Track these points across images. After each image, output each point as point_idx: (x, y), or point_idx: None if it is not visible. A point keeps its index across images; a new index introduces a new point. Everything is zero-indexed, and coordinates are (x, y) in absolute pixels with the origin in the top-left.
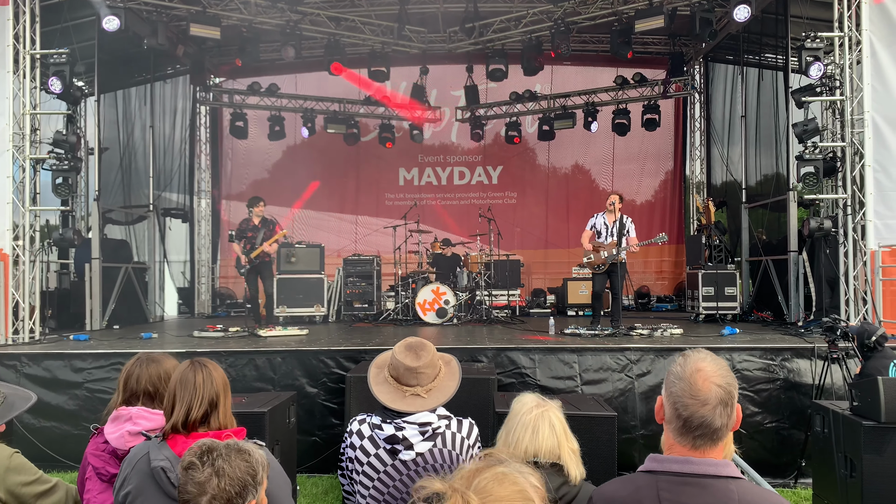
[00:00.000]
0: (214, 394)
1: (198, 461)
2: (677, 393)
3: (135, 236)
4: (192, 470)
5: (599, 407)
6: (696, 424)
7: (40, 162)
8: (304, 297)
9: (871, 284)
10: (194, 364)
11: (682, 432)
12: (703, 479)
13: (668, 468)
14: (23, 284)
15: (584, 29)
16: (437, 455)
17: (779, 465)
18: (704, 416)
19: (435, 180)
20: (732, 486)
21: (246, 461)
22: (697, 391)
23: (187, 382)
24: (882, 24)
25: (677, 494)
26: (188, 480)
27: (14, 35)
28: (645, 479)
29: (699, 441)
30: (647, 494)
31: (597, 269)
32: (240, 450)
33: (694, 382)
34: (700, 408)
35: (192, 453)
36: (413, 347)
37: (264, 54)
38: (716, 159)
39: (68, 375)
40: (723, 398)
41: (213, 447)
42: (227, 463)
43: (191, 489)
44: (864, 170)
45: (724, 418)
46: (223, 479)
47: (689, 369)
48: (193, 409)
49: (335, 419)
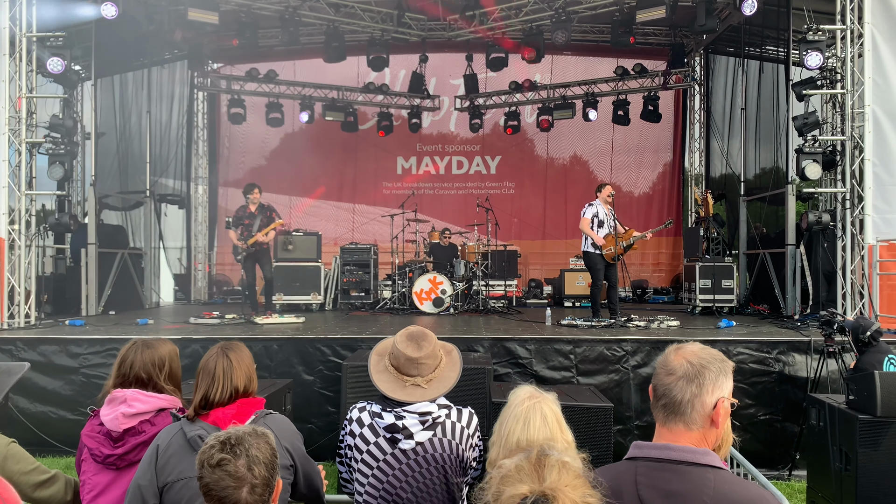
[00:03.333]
0: (235, 385)
1: (229, 455)
2: (657, 367)
3: (131, 222)
4: (226, 464)
5: (596, 398)
6: (660, 394)
7: (36, 146)
8: (301, 284)
9: (868, 279)
10: (220, 351)
11: (654, 405)
12: (679, 465)
13: (648, 454)
14: (19, 269)
15: (585, 18)
16: (436, 444)
17: (772, 457)
18: (666, 386)
19: (433, 169)
20: (710, 474)
21: (268, 443)
22: (668, 363)
23: (207, 371)
24: (884, 17)
25: (653, 479)
26: (223, 476)
27: (10, 17)
28: (626, 466)
29: (665, 412)
30: (625, 479)
31: (613, 261)
32: (259, 434)
33: (668, 356)
34: (665, 377)
35: (217, 449)
36: (415, 337)
37: (262, 40)
38: (715, 151)
39: (64, 360)
40: (688, 372)
41: (239, 437)
42: (258, 450)
43: (229, 483)
44: (863, 164)
45: (687, 393)
46: (259, 467)
47: (672, 347)
48: (213, 394)
49: (331, 407)
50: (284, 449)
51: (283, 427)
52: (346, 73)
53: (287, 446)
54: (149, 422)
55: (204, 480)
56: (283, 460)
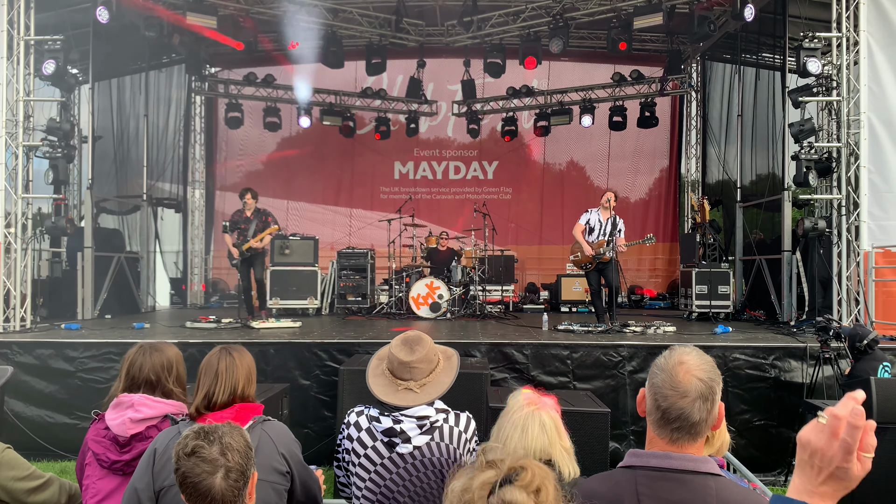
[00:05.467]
0: (236, 381)
1: (203, 442)
2: (658, 384)
3: (127, 226)
4: (200, 451)
5: (593, 403)
6: (674, 416)
7: (33, 149)
8: (298, 289)
9: (864, 285)
10: (223, 350)
11: (661, 424)
12: (681, 475)
13: (647, 463)
14: (14, 272)
15: (582, 25)
16: (434, 449)
17: (768, 463)
18: (682, 409)
19: (430, 174)
20: (711, 482)
21: (242, 436)
22: (678, 383)
23: (210, 368)
24: (880, 25)
25: (655, 489)
26: (197, 462)
27: (8, 21)
28: (624, 475)
29: (677, 434)
30: (625, 489)
31: (584, 268)
32: (234, 426)
33: (675, 374)
34: (679, 399)
35: (191, 438)
36: (408, 342)
37: (260, 45)
38: (711, 158)
39: (60, 364)
40: (703, 392)
41: (212, 427)
42: (231, 438)
43: (203, 468)
44: (859, 171)
45: (703, 413)
46: (234, 453)
47: (672, 361)
48: (216, 395)
49: (328, 412)
50: (281, 455)
51: (280, 434)
52: (343, 77)
53: (284, 453)
54: (156, 427)
55: (180, 471)
56: (280, 467)
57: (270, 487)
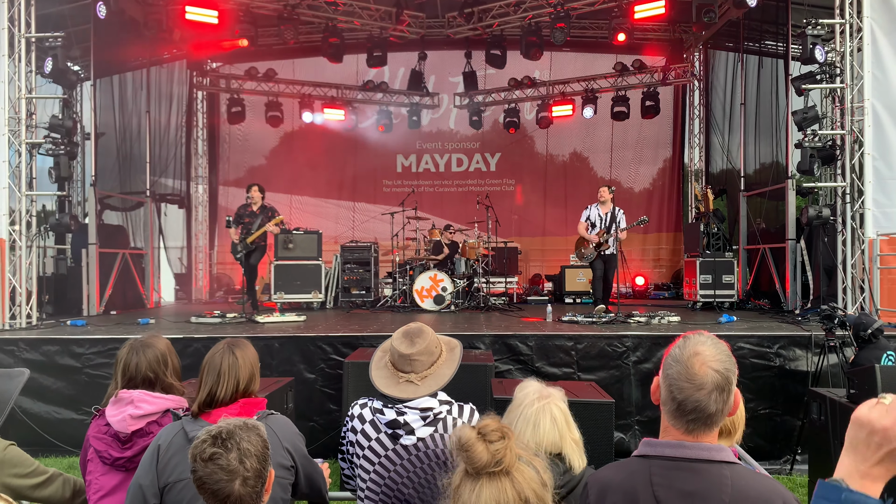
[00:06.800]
0: (239, 379)
1: (220, 449)
2: (673, 375)
3: (131, 222)
4: (217, 458)
5: (597, 393)
6: (691, 409)
7: (36, 146)
8: (302, 283)
9: (869, 273)
10: (226, 347)
11: (676, 415)
12: (695, 464)
13: (661, 452)
14: (20, 270)
15: (584, 15)
16: (437, 440)
17: (773, 452)
18: (699, 401)
19: (433, 167)
20: (726, 470)
21: (258, 435)
22: (693, 375)
23: (213, 366)
24: (883, 11)
25: (670, 479)
26: (215, 469)
27: (9, 18)
28: (638, 464)
29: (693, 425)
30: (639, 479)
31: (587, 259)
32: (250, 426)
33: (691, 366)
34: (695, 392)
35: (209, 444)
36: (409, 334)
37: (262, 39)
38: (715, 147)
39: (66, 361)
40: (719, 383)
41: (230, 431)
42: (249, 442)
43: (221, 476)
44: (863, 158)
45: (720, 404)
46: (251, 460)
47: (687, 352)
48: (218, 394)
49: (333, 405)
50: (285, 450)
51: (284, 428)
52: (345, 71)
53: (288, 447)
54: (157, 423)
55: (197, 474)
56: (284, 461)
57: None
